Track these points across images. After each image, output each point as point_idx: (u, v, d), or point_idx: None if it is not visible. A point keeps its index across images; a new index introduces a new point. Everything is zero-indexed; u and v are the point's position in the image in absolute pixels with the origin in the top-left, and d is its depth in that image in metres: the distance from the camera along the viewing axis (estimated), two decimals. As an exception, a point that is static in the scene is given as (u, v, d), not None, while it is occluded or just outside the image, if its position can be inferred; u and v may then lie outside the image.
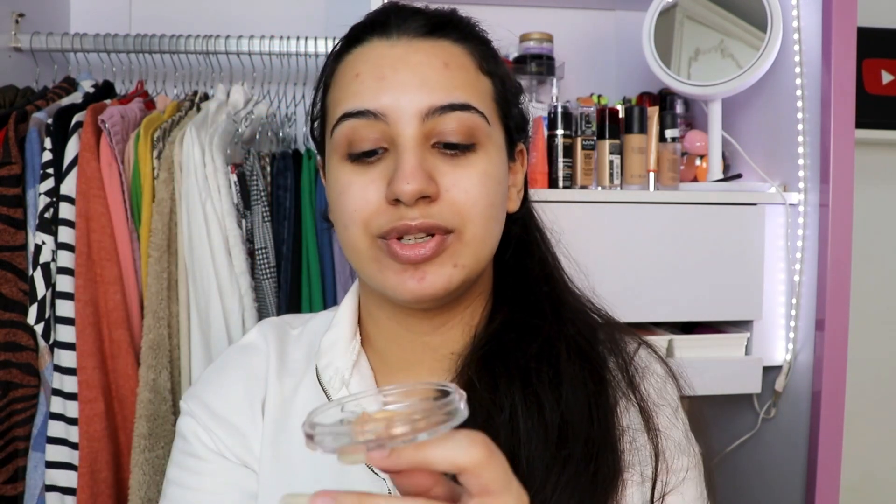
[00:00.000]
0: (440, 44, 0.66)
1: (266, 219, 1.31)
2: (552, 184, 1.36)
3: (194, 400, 0.72)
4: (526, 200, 0.76)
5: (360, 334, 0.74)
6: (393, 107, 0.62)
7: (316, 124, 0.73)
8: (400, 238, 0.62)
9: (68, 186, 1.22)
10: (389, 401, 0.45)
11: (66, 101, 1.35)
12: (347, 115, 0.64)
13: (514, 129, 0.71)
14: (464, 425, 0.42)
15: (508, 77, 0.72)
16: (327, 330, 0.74)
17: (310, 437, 0.40)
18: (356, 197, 0.63)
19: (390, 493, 0.64)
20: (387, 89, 0.63)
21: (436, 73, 0.64)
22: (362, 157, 0.64)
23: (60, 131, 1.24)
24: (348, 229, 0.65)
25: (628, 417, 0.67)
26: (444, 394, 0.42)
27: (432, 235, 0.62)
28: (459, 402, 0.41)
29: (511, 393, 0.64)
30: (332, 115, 0.67)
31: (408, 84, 0.63)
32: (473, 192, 0.63)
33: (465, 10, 0.71)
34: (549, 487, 0.60)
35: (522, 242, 0.75)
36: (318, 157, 0.74)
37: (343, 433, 0.39)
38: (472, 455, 0.41)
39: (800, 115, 1.35)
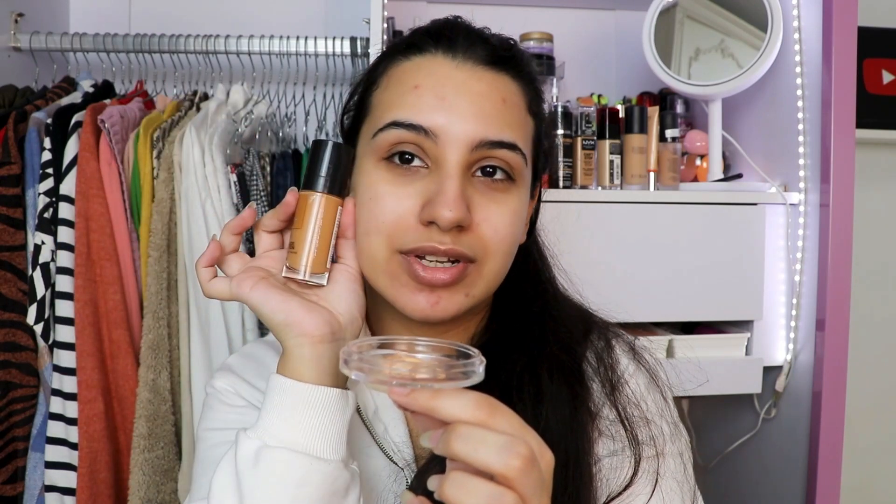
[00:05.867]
0: (501, 78, 0.67)
1: (266, 219, 1.31)
2: (552, 184, 1.35)
3: (225, 372, 0.76)
4: (532, 230, 0.78)
5: (370, 332, 0.76)
6: (446, 129, 0.63)
7: (348, 116, 0.73)
8: (421, 257, 0.63)
9: (68, 186, 1.22)
10: (420, 350, 0.51)
11: (65, 100, 1.34)
12: (398, 124, 0.64)
13: (541, 166, 0.74)
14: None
15: (546, 116, 0.75)
16: None
17: (346, 362, 0.47)
18: (388, 209, 0.64)
19: (407, 482, 0.67)
20: (445, 111, 0.63)
21: (494, 107, 0.65)
22: (401, 163, 0.64)
23: (60, 131, 1.24)
24: (370, 236, 0.65)
25: (607, 426, 0.67)
26: (467, 356, 0.49)
27: (455, 262, 0.63)
28: (479, 366, 0.47)
29: None
30: (377, 116, 0.67)
31: (466, 111, 0.64)
32: (502, 231, 0.65)
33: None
34: None
35: (521, 266, 0.76)
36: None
37: (375, 365, 0.47)
38: (474, 414, 0.44)
39: (800, 115, 1.35)
